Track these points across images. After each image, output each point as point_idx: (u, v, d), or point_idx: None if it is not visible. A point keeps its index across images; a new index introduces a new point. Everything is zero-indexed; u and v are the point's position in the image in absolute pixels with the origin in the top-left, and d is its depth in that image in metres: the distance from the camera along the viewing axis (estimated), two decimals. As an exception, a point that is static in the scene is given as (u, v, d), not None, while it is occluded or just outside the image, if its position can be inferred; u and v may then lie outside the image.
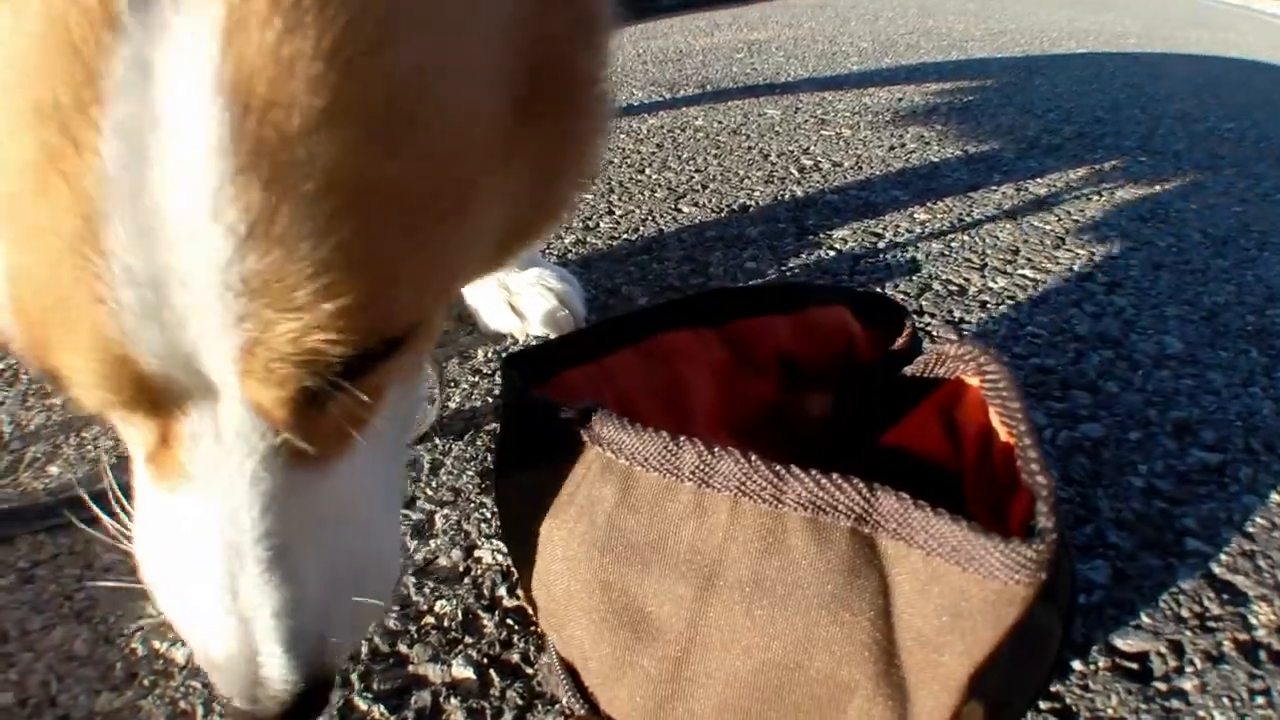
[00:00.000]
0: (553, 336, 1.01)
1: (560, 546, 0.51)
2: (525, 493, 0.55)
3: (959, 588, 0.43)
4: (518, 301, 1.02)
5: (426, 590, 0.67)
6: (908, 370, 0.63)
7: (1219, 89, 2.71)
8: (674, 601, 0.48)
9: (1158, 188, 1.66)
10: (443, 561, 0.70)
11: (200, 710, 0.60)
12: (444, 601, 0.66)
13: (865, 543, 0.45)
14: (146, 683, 0.62)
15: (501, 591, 0.66)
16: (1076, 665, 0.63)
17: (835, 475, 0.45)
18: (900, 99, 2.32)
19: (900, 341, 0.65)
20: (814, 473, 0.45)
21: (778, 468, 0.45)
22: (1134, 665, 0.63)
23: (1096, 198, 1.58)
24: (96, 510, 0.50)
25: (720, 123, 2.05)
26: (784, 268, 1.23)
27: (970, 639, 0.43)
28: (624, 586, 0.49)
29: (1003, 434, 0.54)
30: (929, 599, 0.44)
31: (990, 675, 0.43)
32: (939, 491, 0.61)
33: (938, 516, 0.43)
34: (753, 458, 0.46)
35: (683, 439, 0.48)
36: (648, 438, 0.48)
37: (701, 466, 0.47)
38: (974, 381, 0.59)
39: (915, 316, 1.07)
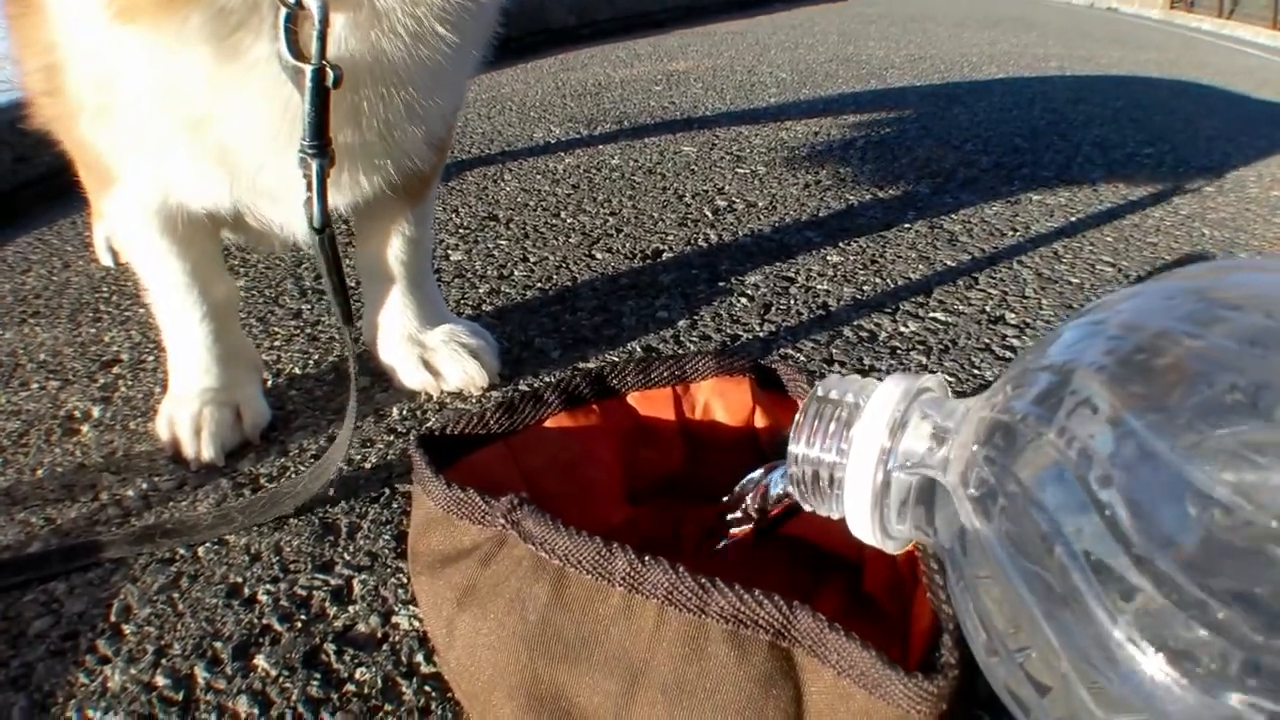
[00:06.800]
0: (471, 392, 1.02)
1: (486, 636, 0.53)
2: (443, 577, 0.57)
3: (865, 709, 0.45)
4: (432, 359, 1.03)
5: (346, 658, 0.68)
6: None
7: (1138, 112, 2.78)
8: (602, 695, 0.50)
9: (1073, 220, 1.70)
10: (361, 628, 0.70)
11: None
12: (364, 669, 0.67)
13: (783, 655, 0.48)
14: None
15: (419, 658, 0.67)
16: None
17: (757, 591, 0.47)
18: (817, 133, 2.36)
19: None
20: (737, 587, 0.48)
21: (703, 580, 0.48)
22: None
23: (1011, 233, 1.61)
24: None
25: (636, 161, 2.07)
26: (695, 317, 1.25)
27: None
28: (553, 678, 0.51)
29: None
30: (838, 714, 0.46)
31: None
32: (839, 574, 0.64)
33: (849, 640, 0.46)
34: (680, 569, 0.49)
35: (615, 545, 0.50)
36: (581, 541, 0.51)
37: (632, 574, 0.49)
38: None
39: (826, 367, 1.10)
